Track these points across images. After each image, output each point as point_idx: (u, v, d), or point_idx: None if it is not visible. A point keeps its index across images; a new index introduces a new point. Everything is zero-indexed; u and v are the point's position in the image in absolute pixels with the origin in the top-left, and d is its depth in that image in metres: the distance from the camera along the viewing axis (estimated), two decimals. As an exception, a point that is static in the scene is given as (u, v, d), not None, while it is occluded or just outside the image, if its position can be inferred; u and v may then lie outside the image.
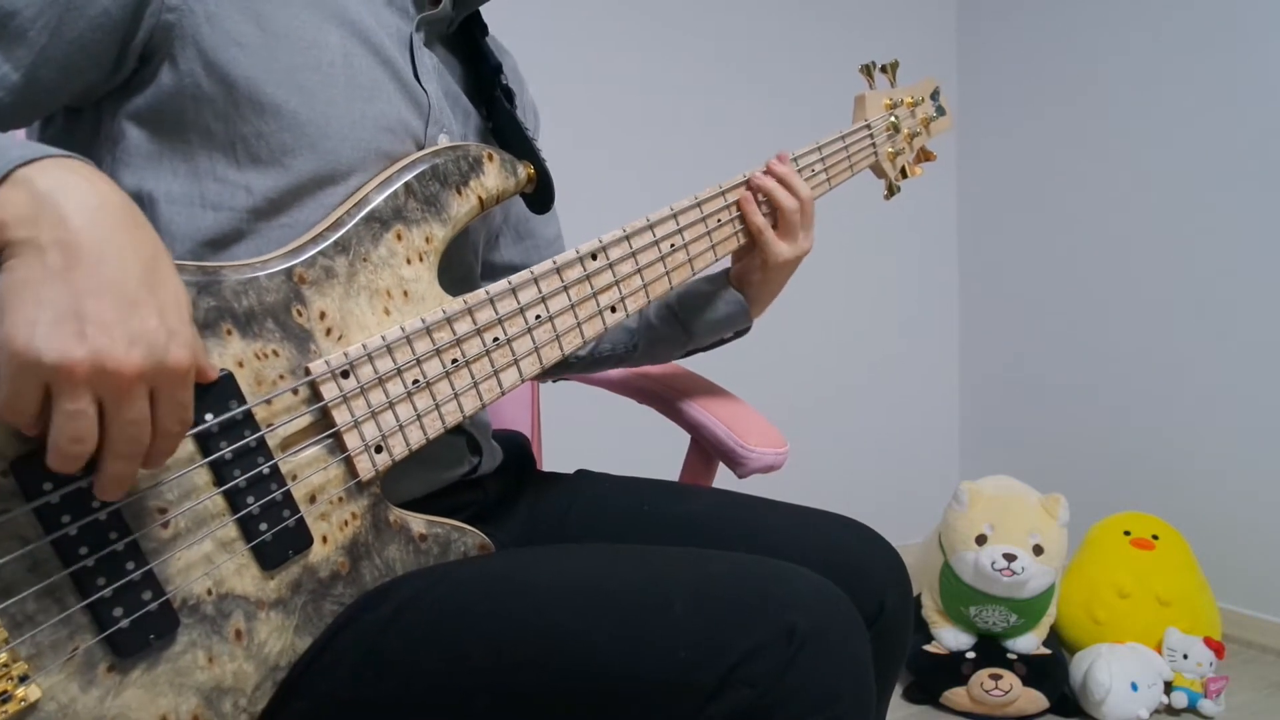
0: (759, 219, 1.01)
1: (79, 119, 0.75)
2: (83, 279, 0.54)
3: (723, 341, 1.13)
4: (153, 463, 0.59)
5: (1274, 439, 2.27)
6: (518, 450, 1.05)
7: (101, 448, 0.56)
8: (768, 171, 1.03)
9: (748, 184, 1.02)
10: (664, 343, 1.11)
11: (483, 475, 0.94)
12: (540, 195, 0.90)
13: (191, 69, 0.71)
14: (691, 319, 1.08)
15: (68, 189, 0.55)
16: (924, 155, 1.29)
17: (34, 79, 0.67)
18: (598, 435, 2.18)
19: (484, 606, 0.71)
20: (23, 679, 0.57)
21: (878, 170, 1.23)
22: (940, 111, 1.30)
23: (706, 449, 1.21)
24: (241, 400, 0.67)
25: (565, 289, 0.85)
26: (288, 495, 0.69)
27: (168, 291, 0.58)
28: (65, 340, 0.52)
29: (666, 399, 1.25)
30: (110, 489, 0.57)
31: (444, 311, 0.77)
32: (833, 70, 2.70)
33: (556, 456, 1.52)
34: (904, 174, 1.26)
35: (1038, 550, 2.00)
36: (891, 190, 1.25)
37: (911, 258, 2.97)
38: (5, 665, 0.56)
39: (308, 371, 0.70)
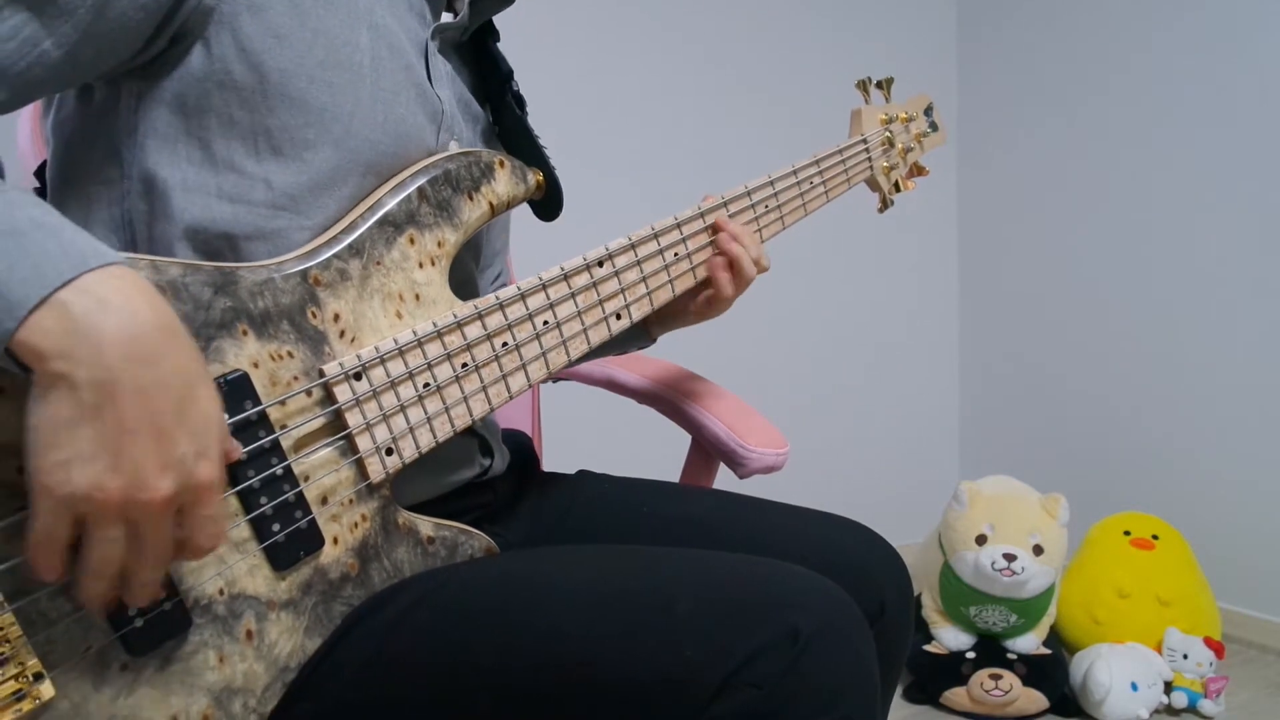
0: (730, 287, 1.00)
1: (90, 99, 0.74)
2: (115, 417, 0.54)
3: (624, 350, 1.14)
4: (191, 560, 0.62)
5: (1274, 439, 2.27)
6: (521, 450, 1.06)
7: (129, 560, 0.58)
8: (730, 235, 1.00)
9: (714, 239, 1.00)
10: None
11: (493, 477, 0.94)
12: (549, 202, 0.91)
13: (224, 55, 0.71)
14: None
15: (105, 313, 0.54)
16: (917, 170, 1.31)
17: (73, 57, 0.66)
18: (598, 435, 2.19)
19: (490, 608, 0.71)
20: (37, 677, 0.57)
21: (872, 184, 1.25)
22: (934, 127, 1.32)
23: (707, 449, 1.21)
24: (256, 401, 0.67)
25: (572, 296, 0.86)
26: (300, 496, 0.69)
27: (198, 411, 0.58)
28: (99, 476, 0.54)
29: (667, 399, 1.25)
30: (142, 597, 0.59)
31: (455, 316, 0.78)
32: (833, 77, 2.70)
33: (557, 456, 1.52)
34: (897, 188, 1.27)
35: (1038, 550, 2.01)
36: (885, 204, 1.27)
37: (912, 258, 2.97)
38: (20, 663, 0.56)
39: (322, 373, 0.71)
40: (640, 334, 1.08)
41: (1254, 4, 2.25)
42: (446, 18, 0.88)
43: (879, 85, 1.24)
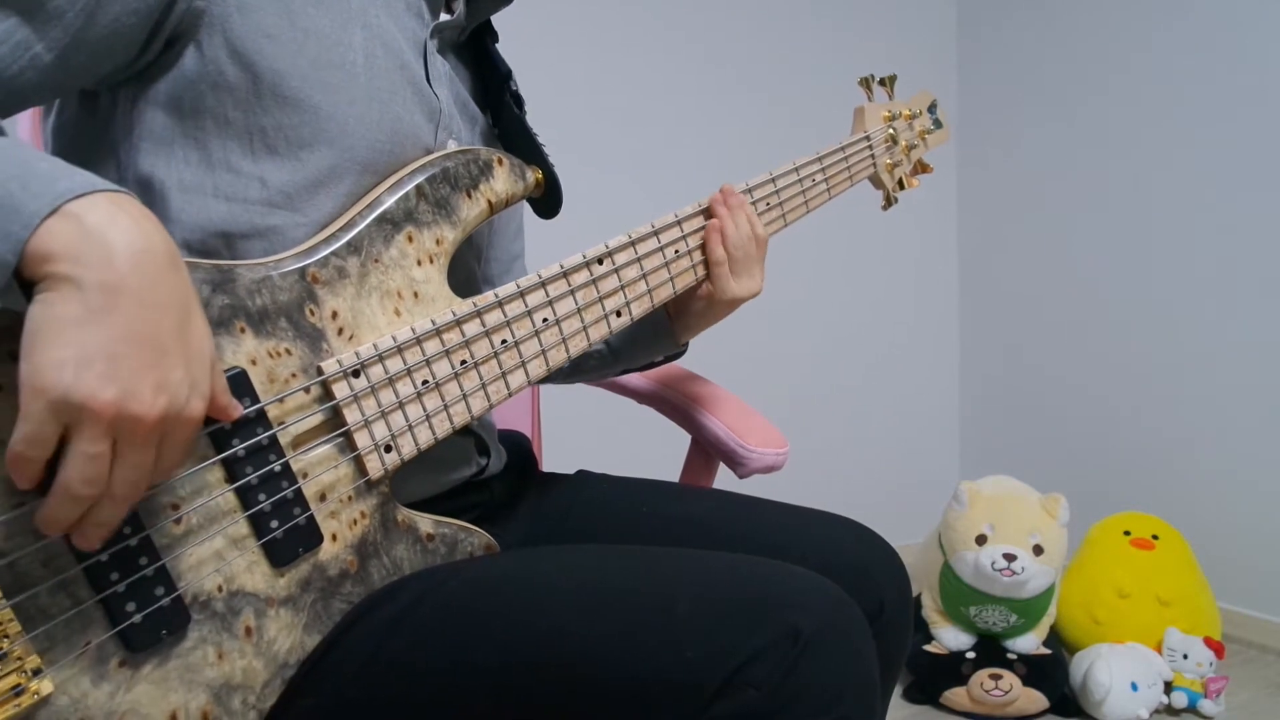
0: (720, 251, 0.98)
1: (95, 104, 0.75)
2: (119, 323, 0.54)
3: (653, 365, 1.12)
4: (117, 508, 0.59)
5: (1274, 439, 2.27)
6: (519, 450, 1.06)
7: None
8: (715, 209, 0.99)
9: (707, 215, 0.99)
10: (592, 360, 1.10)
11: (490, 476, 0.94)
12: (548, 200, 0.91)
13: (217, 56, 0.71)
14: (620, 342, 1.08)
15: (115, 227, 0.55)
16: (921, 167, 1.30)
17: (65, 61, 0.67)
18: (598, 435, 2.19)
19: (490, 607, 0.71)
20: (36, 672, 0.57)
21: (876, 181, 1.24)
22: (937, 124, 1.31)
23: (707, 449, 1.21)
24: (254, 398, 0.67)
25: (572, 293, 0.86)
26: (299, 493, 0.69)
27: (195, 341, 0.59)
28: (94, 382, 0.53)
29: (667, 399, 1.25)
30: (95, 537, 0.57)
31: (453, 313, 0.78)
32: (833, 77, 2.70)
33: (556, 456, 1.52)
34: (901, 185, 1.27)
35: (1038, 550, 2.01)
36: (889, 201, 1.27)
37: (912, 258, 2.97)
38: (19, 659, 0.57)
39: (320, 371, 0.71)
40: (668, 343, 1.07)
41: (1254, 4, 2.25)
42: (445, 18, 0.88)
43: (882, 82, 1.23)
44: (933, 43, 2.98)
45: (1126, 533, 2.20)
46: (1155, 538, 2.18)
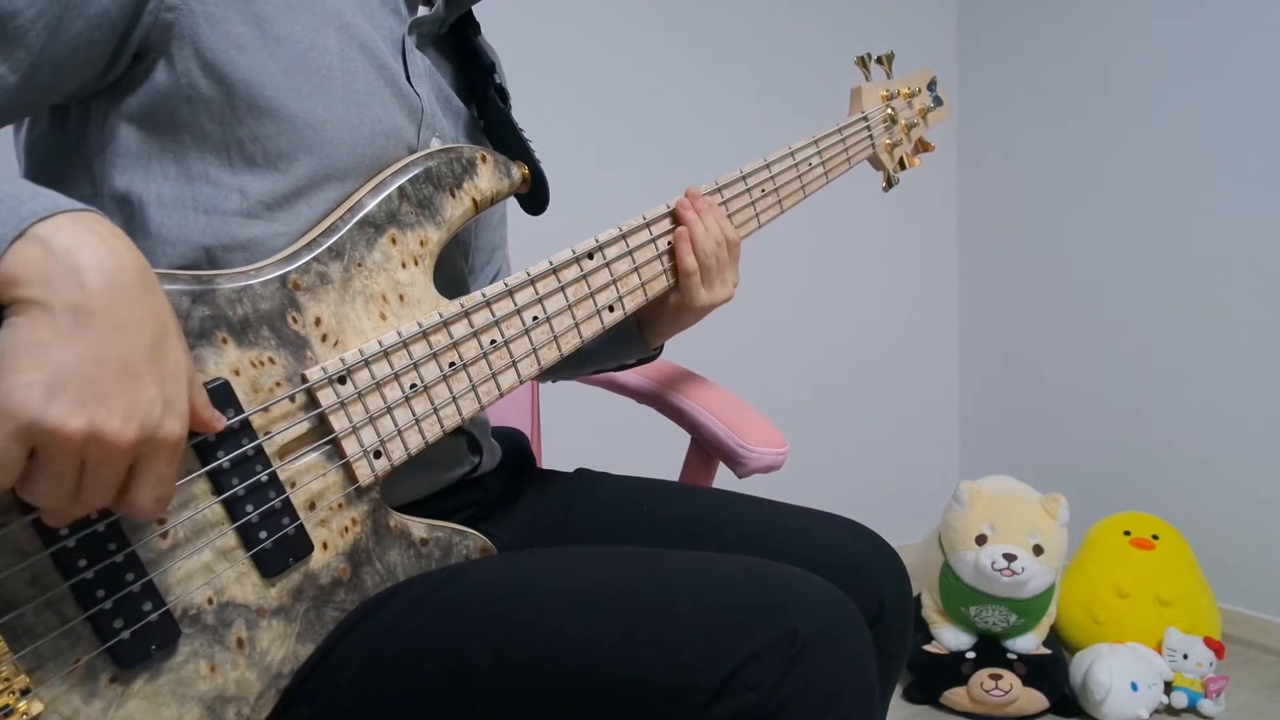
0: (690, 260, 0.95)
1: (65, 119, 0.74)
2: (89, 346, 0.53)
3: (624, 367, 1.11)
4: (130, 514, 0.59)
5: (1273, 439, 2.27)
6: (516, 447, 1.05)
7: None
8: (683, 215, 0.95)
9: (674, 218, 0.96)
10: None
11: (483, 474, 0.94)
12: (535, 196, 0.89)
13: (188, 69, 0.70)
14: (591, 344, 1.05)
15: (84, 248, 0.54)
16: (922, 146, 1.28)
17: (30, 80, 0.66)
18: (598, 435, 2.18)
19: (486, 609, 0.71)
20: (24, 692, 0.57)
21: (875, 162, 1.22)
22: (937, 102, 1.29)
23: (706, 449, 1.21)
24: (238, 409, 0.66)
25: (562, 289, 0.85)
26: (287, 503, 0.69)
27: (170, 360, 0.58)
28: (63, 406, 0.52)
29: (667, 399, 1.25)
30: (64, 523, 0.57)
31: (440, 315, 0.77)
32: (833, 71, 2.70)
33: (556, 456, 1.52)
34: (902, 165, 1.24)
35: (1038, 550, 2.00)
36: (890, 182, 1.24)
37: (911, 257, 2.97)
38: (7, 679, 0.56)
39: (304, 378, 0.70)
40: (638, 348, 1.06)
41: (1255, 3, 2.25)
42: (423, 11, 0.87)
43: (879, 61, 1.20)
44: (933, 42, 2.98)
45: (1126, 533, 2.20)
46: (1155, 538, 2.18)
